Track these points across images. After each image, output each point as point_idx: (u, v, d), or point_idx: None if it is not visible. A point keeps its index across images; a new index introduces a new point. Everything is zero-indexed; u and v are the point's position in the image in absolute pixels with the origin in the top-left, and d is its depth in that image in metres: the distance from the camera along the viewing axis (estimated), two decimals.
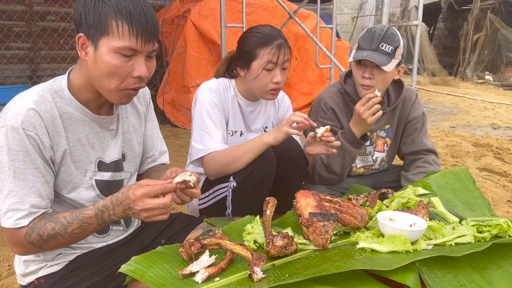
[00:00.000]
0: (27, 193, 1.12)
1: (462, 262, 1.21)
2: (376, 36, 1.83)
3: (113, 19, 1.09)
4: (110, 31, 1.09)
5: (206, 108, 1.77)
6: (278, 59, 1.72)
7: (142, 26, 1.10)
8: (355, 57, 1.86)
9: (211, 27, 5.04)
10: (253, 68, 1.74)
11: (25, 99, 1.14)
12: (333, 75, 4.91)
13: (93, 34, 1.11)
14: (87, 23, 1.11)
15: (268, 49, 1.71)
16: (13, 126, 1.10)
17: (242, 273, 1.10)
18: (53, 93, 1.18)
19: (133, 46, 1.11)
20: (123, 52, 1.11)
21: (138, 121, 1.43)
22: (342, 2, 12.90)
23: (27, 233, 1.13)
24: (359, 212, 1.37)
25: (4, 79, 5.25)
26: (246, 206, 1.77)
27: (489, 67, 10.69)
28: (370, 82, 1.85)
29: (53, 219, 1.14)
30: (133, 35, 1.10)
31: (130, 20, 1.09)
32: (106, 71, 1.12)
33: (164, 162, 1.58)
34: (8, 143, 1.09)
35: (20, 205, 1.12)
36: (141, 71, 1.14)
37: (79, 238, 1.18)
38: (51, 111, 1.16)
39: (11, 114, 1.12)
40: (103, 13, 1.09)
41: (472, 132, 5.24)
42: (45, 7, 5.37)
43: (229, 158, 1.70)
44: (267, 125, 2.00)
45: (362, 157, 2.12)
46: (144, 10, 1.11)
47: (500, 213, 2.75)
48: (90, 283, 1.26)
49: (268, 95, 1.79)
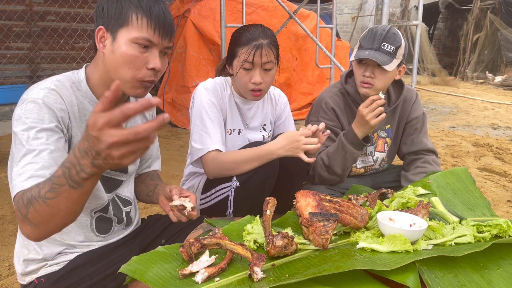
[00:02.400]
0: (40, 154, 1.06)
1: (462, 262, 1.21)
2: (377, 36, 1.83)
3: (134, 12, 1.15)
4: (130, 23, 1.16)
5: (204, 108, 1.77)
6: (254, 59, 1.72)
7: (160, 22, 1.17)
8: (356, 56, 1.86)
9: (211, 27, 5.04)
10: (234, 66, 1.79)
11: (45, 85, 1.16)
12: (333, 75, 4.92)
13: (112, 26, 1.17)
14: (108, 15, 1.17)
15: (245, 48, 1.73)
16: (34, 99, 1.12)
17: (242, 273, 1.10)
18: (72, 84, 1.22)
19: (150, 38, 1.16)
20: (140, 42, 1.16)
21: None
22: (342, 2, 12.90)
23: (14, 199, 1.03)
24: (359, 212, 1.37)
25: (4, 79, 5.25)
26: (248, 206, 1.77)
27: (489, 67, 10.69)
28: (371, 80, 1.85)
29: (35, 185, 1.03)
30: (151, 28, 1.16)
31: (149, 14, 1.16)
32: (123, 61, 1.16)
33: (156, 169, 1.61)
34: (26, 114, 1.10)
35: (27, 167, 1.04)
36: (155, 63, 1.19)
37: (56, 206, 0.96)
38: (71, 97, 1.20)
39: (32, 93, 1.13)
40: (124, 6, 1.16)
41: (472, 132, 5.24)
42: (45, 7, 5.38)
43: (233, 163, 1.70)
44: (265, 122, 2.00)
45: (362, 158, 2.12)
46: (163, 9, 1.19)
47: (500, 213, 2.75)
48: (90, 283, 1.26)
49: (249, 95, 1.80)
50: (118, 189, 1.41)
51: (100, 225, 1.36)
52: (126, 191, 1.44)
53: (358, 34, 11.68)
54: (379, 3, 11.55)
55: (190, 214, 1.26)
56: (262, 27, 1.80)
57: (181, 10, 5.23)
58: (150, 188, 1.48)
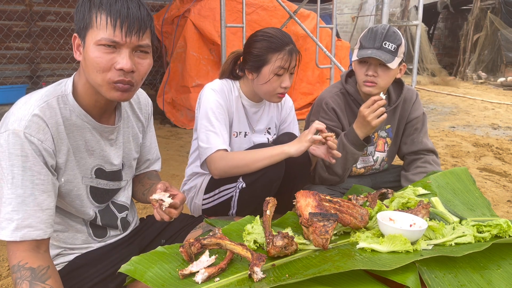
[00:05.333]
0: (24, 201, 1.07)
1: (462, 262, 1.20)
2: (378, 35, 1.83)
3: (95, 12, 1.09)
4: (94, 24, 1.09)
5: (211, 108, 1.75)
6: (290, 64, 1.72)
7: (122, 17, 1.08)
8: (359, 55, 1.85)
9: (211, 27, 5.04)
10: (264, 73, 1.73)
11: (30, 104, 1.12)
12: (333, 75, 4.91)
13: (81, 31, 1.12)
14: (77, 21, 1.12)
15: (280, 54, 1.70)
16: (15, 130, 1.07)
17: (242, 273, 1.10)
18: (58, 99, 1.16)
19: (111, 37, 1.08)
20: (103, 43, 1.08)
21: (138, 132, 1.43)
22: (342, 2, 12.89)
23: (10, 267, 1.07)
24: (359, 212, 1.37)
25: (4, 79, 5.25)
26: (251, 207, 1.76)
27: (489, 67, 10.69)
28: (374, 79, 1.85)
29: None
30: (111, 26, 1.07)
31: (109, 11, 1.07)
32: (91, 65, 1.10)
33: (156, 169, 1.59)
34: (9, 148, 1.07)
35: (14, 214, 1.07)
36: (122, 63, 1.09)
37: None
38: (55, 117, 1.14)
39: (14, 119, 1.09)
40: (87, 8, 1.10)
41: (472, 132, 5.24)
42: (45, 7, 5.37)
43: (242, 161, 1.69)
44: (270, 126, 1.99)
45: (363, 158, 2.11)
46: (127, 3, 1.09)
47: (500, 213, 2.75)
48: (90, 284, 1.26)
49: (275, 98, 1.80)
50: (114, 196, 1.40)
51: (96, 231, 1.35)
52: (122, 196, 1.42)
53: (358, 34, 11.68)
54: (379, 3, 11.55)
55: (169, 211, 1.21)
56: (281, 30, 1.78)
57: (181, 10, 5.23)
58: (146, 187, 1.47)
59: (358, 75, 1.92)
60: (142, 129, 1.45)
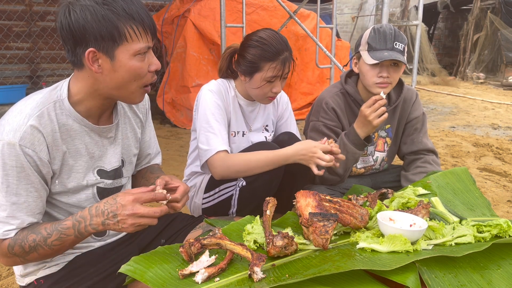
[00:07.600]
0: (18, 208, 1.12)
1: (462, 262, 1.21)
2: (388, 36, 1.82)
3: (127, 25, 1.11)
4: (129, 38, 1.12)
5: (210, 109, 1.76)
6: (283, 72, 1.73)
7: (150, 24, 1.16)
8: (375, 57, 1.81)
9: (211, 27, 5.04)
10: (255, 79, 1.74)
11: (25, 113, 1.12)
12: (333, 75, 4.91)
13: (107, 46, 1.11)
14: (96, 36, 1.09)
15: (273, 64, 1.70)
16: (10, 142, 1.08)
17: (242, 273, 1.10)
18: (54, 104, 1.17)
19: (147, 44, 1.16)
20: (142, 52, 1.16)
21: (136, 127, 1.43)
22: (342, 2, 12.89)
23: (10, 244, 1.12)
24: (359, 212, 1.37)
25: (4, 79, 5.26)
26: (252, 205, 1.77)
27: (489, 67, 10.69)
28: (388, 80, 1.85)
29: (35, 230, 1.13)
30: (146, 34, 1.16)
31: (142, 22, 1.13)
32: (130, 76, 1.16)
33: (157, 163, 1.59)
34: (4, 158, 1.08)
35: (10, 219, 1.12)
36: (156, 63, 1.20)
37: (59, 250, 1.16)
38: (51, 125, 1.15)
39: (9, 129, 1.10)
40: (115, 23, 1.09)
41: (472, 132, 5.24)
42: (45, 7, 5.37)
43: (245, 166, 1.70)
44: (267, 123, 2.00)
45: (363, 158, 2.11)
46: (143, 7, 1.16)
47: (500, 213, 2.75)
48: (90, 283, 1.26)
49: (265, 100, 1.83)
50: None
51: None
52: None
53: (358, 34, 11.67)
54: (379, 3, 11.55)
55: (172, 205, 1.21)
56: (277, 35, 1.75)
57: (181, 10, 5.23)
58: (150, 182, 1.46)
59: (368, 77, 1.87)
60: (140, 125, 1.45)
